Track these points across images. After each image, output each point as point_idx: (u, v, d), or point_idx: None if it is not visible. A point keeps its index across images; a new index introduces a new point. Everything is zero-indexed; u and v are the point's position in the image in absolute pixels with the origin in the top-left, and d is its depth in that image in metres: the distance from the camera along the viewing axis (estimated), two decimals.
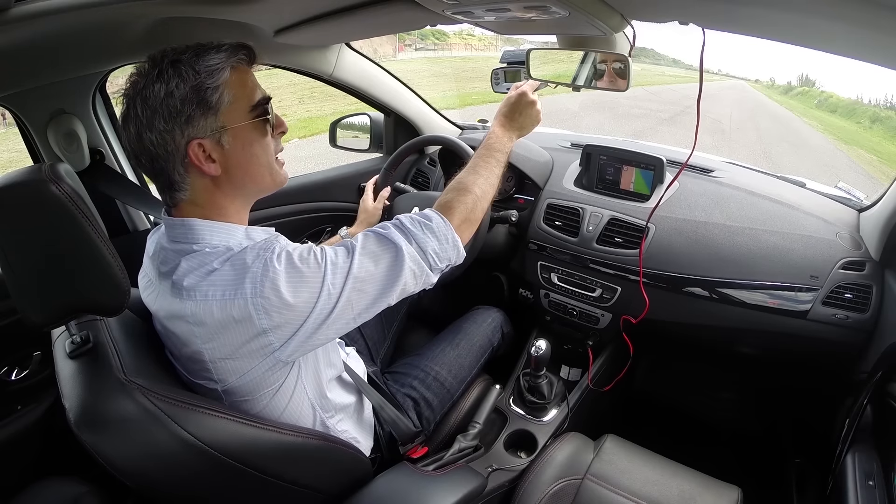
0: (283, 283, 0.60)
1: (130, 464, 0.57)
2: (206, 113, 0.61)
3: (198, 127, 0.61)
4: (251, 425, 0.64)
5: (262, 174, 0.69)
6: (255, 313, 0.59)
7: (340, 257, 0.65)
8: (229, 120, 0.63)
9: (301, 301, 0.61)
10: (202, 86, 0.61)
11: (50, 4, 0.70)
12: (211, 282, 0.60)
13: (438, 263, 0.72)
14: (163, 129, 0.60)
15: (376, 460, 0.91)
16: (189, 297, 0.61)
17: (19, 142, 1.12)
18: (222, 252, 0.63)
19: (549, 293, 1.29)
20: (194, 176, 0.64)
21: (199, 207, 0.66)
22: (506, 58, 1.30)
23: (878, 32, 0.55)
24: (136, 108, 0.61)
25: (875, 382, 0.81)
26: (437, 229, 0.73)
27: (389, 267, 0.67)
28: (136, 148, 0.63)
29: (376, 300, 0.67)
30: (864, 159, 9.61)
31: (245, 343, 0.61)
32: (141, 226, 1.24)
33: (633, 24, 0.81)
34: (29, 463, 1.04)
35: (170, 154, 0.62)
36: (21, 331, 0.78)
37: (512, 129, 0.94)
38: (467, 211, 0.78)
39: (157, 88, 0.60)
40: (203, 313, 0.60)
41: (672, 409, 1.52)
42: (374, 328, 1.20)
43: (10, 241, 0.55)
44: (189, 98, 0.60)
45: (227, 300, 0.59)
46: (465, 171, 0.84)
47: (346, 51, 1.35)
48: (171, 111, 0.60)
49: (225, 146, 0.64)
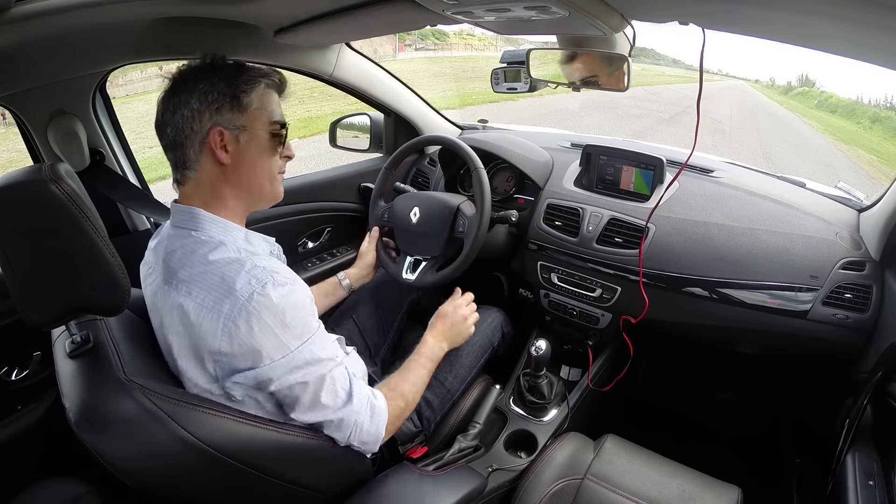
0: (256, 322, 0.63)
1: (130, 463, 0.57)
2: (234, 108, 0.70)
3: (224, 118, 0.69)
4: (251, 424, 0.64)
5: (263, 179, 0.75)
6: (220, 331, 0.63)
7: (324, 352, 0.70)
8: (250, 123, 0.71)
9: (261, 347, 0.64)
10: (238, 86, 0.70)
11: (50, 4, 0.70)
12: (198, 281, 0.65)
13: (354, 440, 0.75)
14: (195, 109, 0.68)
15: (376, 460, 0.91)
16: (177, 290, 0.65)
17: (19, 142, 1.12)
18: (215, 245, 0.68)
19: (549, 293, 1.29)
20: (206, 159, 0.70)
21: (202, 189, 0.72)
22: (506, 58, 1.30)
23: (878, 32, 0.55)
24: (183, 87, 0.69)
25: (875, 382, 0.81)
26: (378, 417, 0.77)
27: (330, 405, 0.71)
28: (167, 119, 0.69)
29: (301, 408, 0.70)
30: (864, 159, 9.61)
31: (201, 350, 0.64)
32: (141, 226, 1.24)
33: (633, 24, 0.81)
34: (29, 463, 1.04)
35: (194, 133, 0.69)
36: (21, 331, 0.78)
37: (443, 339, 1.01)
38: (396, 415, 0.83)
39: (203, 77, 0.69)
40: (182, 306, 0.64)
41: (672, 409, 1.52)
42: (374, 328, 1.20)
43: (10, 240, 0.55)
44: (225, 92, 0.69)
45: (205, 308, 0.63)
46: (398, 376, 0.90)
47: (346, 51, 1.35)
48: (208, 97, 0.68)
49: (241, 142, 0.71)
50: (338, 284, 1.16)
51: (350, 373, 0.75)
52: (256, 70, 0.73)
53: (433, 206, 1.16)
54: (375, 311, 1.22)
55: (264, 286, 0.64)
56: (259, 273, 0.65)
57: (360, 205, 1.59)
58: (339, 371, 0.72)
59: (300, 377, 0.67)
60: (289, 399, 0.68)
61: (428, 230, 1.15)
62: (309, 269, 1.48)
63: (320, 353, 0.69)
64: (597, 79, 0.99)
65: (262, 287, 0.63)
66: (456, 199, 1.16)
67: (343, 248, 1.60)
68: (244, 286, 0.63)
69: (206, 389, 0.67)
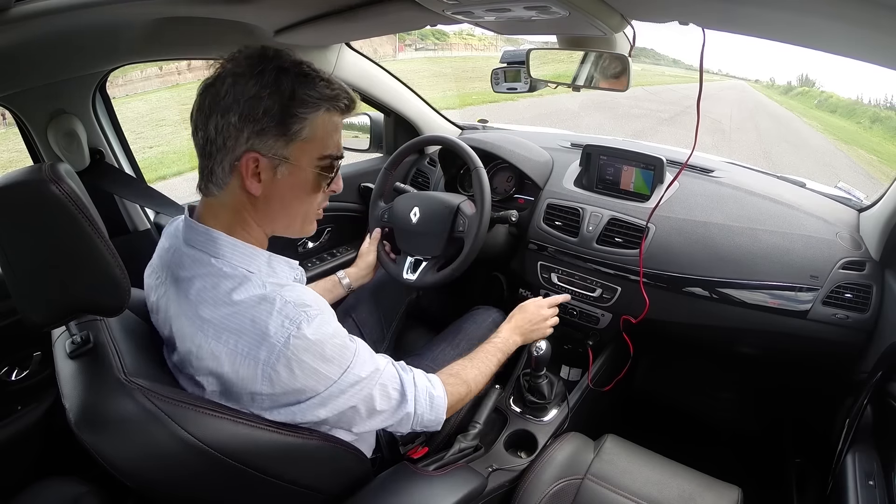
0: (297, 365, 0.60)
1: (130, 464, 0.57)
2: (279, 136, 0.60)
3: (265, 143, 0.59)
4: (251, 425, 0.64)
5: (296, 218, 0.68)
6: (261, 378, 0.59)
7: (365, 369, 0.66)
8: (295, 156, 0.62)
9: (306, 386, 0.62)
10: (291, 110, 0.59)
11: (50, 4, 0.70)
12: (226, 325, 0.59)
13: (417, 427, 0.75)
14: (233, 124, 0.58)
15: (377, 460, 0.91)
16: (202, 330, 0.60)
17: (19, 142, 1.12)
18: (239, 280, 0.61)
19: (549, 293, 1.29)
20: (234, 182, 0.62)
21: (225, 212, 0.64)
22: (506, 58, 1.30)
23: (877, 32, 0.55)
24: (223, 87, 0.58)
25: (875, 382, 0.81)
26: (437, 406, 0.77)
27: (386, 409, 0.70)
28: (200, 122, 0.60)
29: (362, 422, 0.69)
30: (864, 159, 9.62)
31: (239, 389, 0.62)
32: (141, 226, 1.24)
33: (633, 24, 0.81)
34: (29, 463, 1.04)
35: (227, 148, 0.60)
36: (21, 331, 0.78)
37: (518, 333, 1.02)
38: (457, 400, 0.83)
39: (251, 84, 0.58)
40: (212, 351, 0.60)
41: (672, 408, 1.52)
42: (373, 328, 1.20)
43: (10, 241, 0.55)
44: (273, 112, 0.59)
45: (240, 355, 0.59)
46: (466, 361, 0.89)
47: (346, 51, 1.35)
48: (251, 114, 0.58)
49: (278, 175, 0.62)
50: (337, 283, 1.16)
51: (398, 370, 0.73)
52: (320, 89, 0.61)
53: (433, 205, 1.16)
54: (375, 311, 1.22)
55: (299, 327, 0.59)
56: (290, 311, 0.59)
57: (360, 205, 1.59)
58: (386, 376, 0.70)
59: (349, 400, 0.65)
60: (343, 420, 0.67)
61: (428, 230, 1.15)
62: (309, 269, 1.48)
63: (363, 372, 0.66)
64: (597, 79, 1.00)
65: (298, 328, 0.59)
66: (456, 199, 1.16)
67: (343, 248, 1.60)
68: (278, 330, 0.58)
69: None
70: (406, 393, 0.72)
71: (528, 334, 1.03)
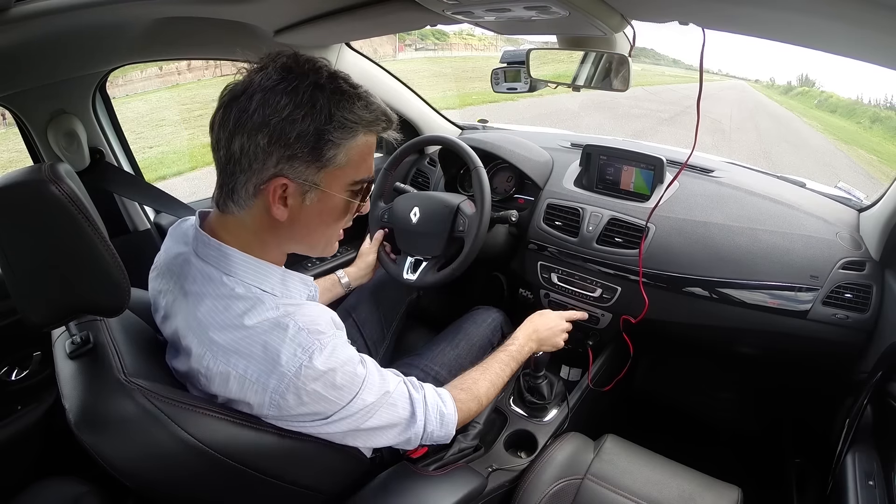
0: (306, 394, 0.59)
1: (130, 464, 0.57)
2: (312, 162, 0.56)
3: (295, 169, 0.56)
4: (251, 426, 0.64)
5: (320, 242, 0.66)
6: (268, 404, 0.59)
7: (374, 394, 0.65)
8: (327, 183, 0.58)
9: (314, 411, 0.62)
10: (326, 135, 0.55)
11: (50, 4, 0.70)
12: (237, 349, 0.58)
13: (426, 442, 0.75)
14: (261, 146, 0.54)
15: (376, 460, 0.91)
16: (211, 351, 0.59)
17: (19, 142, 1.12)
18: (252, 303, 0.59)
19: (549, 293, 1.29)
20: (258, 204, 0.58)
21: (244, 231, 0.61)
22: (506, 58, 1.30)
23: (878, 32, 0.55)
24: (252, 102, 0.53)
25: (875, 382, 0.81)
26: (447, 423, 0.76)
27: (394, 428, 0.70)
28: (221, 138, 0.56)
29: (368, 440, 0.69)
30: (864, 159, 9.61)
31: (242, 407, 0.61)
32: (141, 226, 1.24)
33: (633, 24, 0.81)
34: (29, 463, 1.04)
35: (252, 170, 0.55)
36: (21, 331, 0.79)
37: (534, 341, 1.00)
38: (468, 415, 0.82)
39: (284, 103, 0.53)
40: (221, 373, 0.59)
41: (672, 408, 1.52)
42: (373, 328, 1.20)
43: (10, 241, 0.55)
44: (307, 137, 0.54)
45: (249, 381, 0.58)
46: (480, 373, 0.86)
47: (346, 51, 1.35)
48: (282, 137, 0.54)
49: (306, 202, 0.59)
50: (336, 282, 1.16)
51: (409, 389, 0.71)
52: (359, 111, 0.56)
53: (433, 205, 1.16)
54: (375, 311, 1.22)
55: (311, 357, 0.57)
56: (304, 340, 0.58)
57: None
58: (396, 396, 0.68)
59: (359, 421, 0.65)
60: (351, 436, 0.67)
61: (428, 230, 1.15)
62: (309, 268, 1.48)
63: (372, 398, 0.65)
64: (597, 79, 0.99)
65: (310, 359, 0.57)
66: (456, 199, 1.16)
67: (343, 248, 1.60)
68: (290, 359, 0.56)
69: None
70: (416, 413, 0.71)
71: (543, 343, 1.01)
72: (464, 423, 0.81)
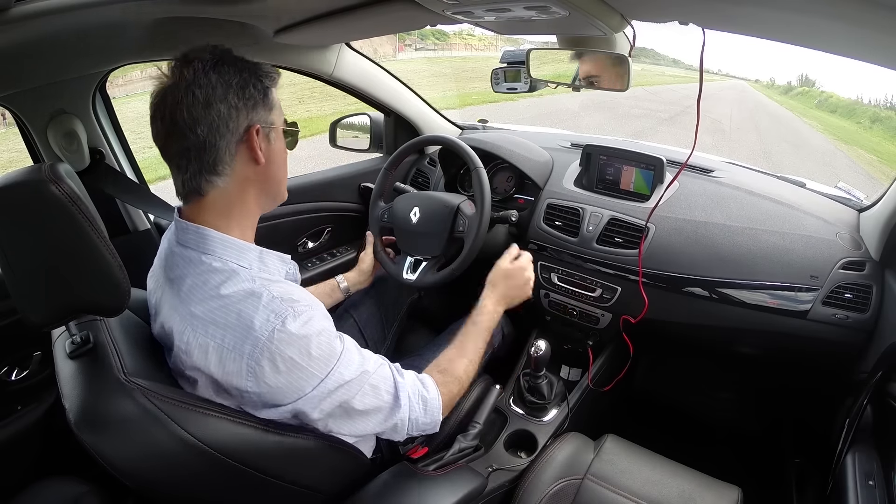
0: (280, 361, 0.60)
1: (130, 464, 0.57)
2: (265, 106, 0.66)
3: (259, 115, 0.65)
4: (251, 425, 0.64)
5: (283, 179, 0.73)
6: (245, 372, 0.60)
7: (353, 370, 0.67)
8: (276, 121, 0.68)
9: (290, 383, 0.62)
10: (265, 82, 0.65)
11: (50, 4, 0.70)
12: (213, 319, 0.61)
13: (413, 432, 0.76)
14: (233, 105, 0.62)
15: (377, 460, 0.91)
16: (191, 325, 0.62)
17: (19, 142, 1.12)
18: (228, 274, 0.63)
19: (549, 293, 1.29)
20: (241, 161, 0.65)
21: (226, 198, 0.66)
22: (506, 58, 1.30)
23: (878, 32, 0.55)
24: (210, 78, 0.61)
25: (875, 382, 0.81)
26: (431, 409, 0.77)
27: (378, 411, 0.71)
28: (198, 115, 0.61)
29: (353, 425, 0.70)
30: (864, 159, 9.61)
31: (227, 385, 0.62)
32: (141, 226, 1.24)
33: (633, 24, 0.81)
34: (29, 463, 1.04)
35: (230, 131, 0.63)
36: (21, 331, 0.79)
37: (503, 303, 0.99)
38: (451, 398, 0.83)
39: (231, 70, 0.62)
40: (200, 345, 0.61)
41: (672, 408, 1.52)
42: (374, 328, 1.20)
43: (10, 241, 0.55)
44: (259, 87, 0.64)
45: (226, 349, 0.60)
46: (455, 352, 0.87)
47: (346, 51, 1.35)
48: (244, 93, 0.63)
49: (271, 140, 0.68)
50: (336, 287, 1.16)
51: (393, 372, 0.73)
52: (268, 68, 0.68)
53: (433, 205, 1.16)
54: (376, 311, 1.22)
55: (284, 321, 0.60)
56: (277, 306, 0.60)
57: (360, 205, 1.59)
58: (378, 377, 0.70)
59: (339, 399, 0.66)
60: (335, 420, 0.67)
61: (428, 230, 1.15)
62: (309, 269, 1.48)
63: (351, 373, 0.66)
64: (597, 79, 1.00)
65: (283, 323, 0.60)
66: (456, 199, 1.16)
67: (343, 248, 1.60)
68: (263, 324, 0.59)
69: None
70: (400, 397, 0.72)
71: (513, 301, 1.01)
72: (448, 407, 0.81)
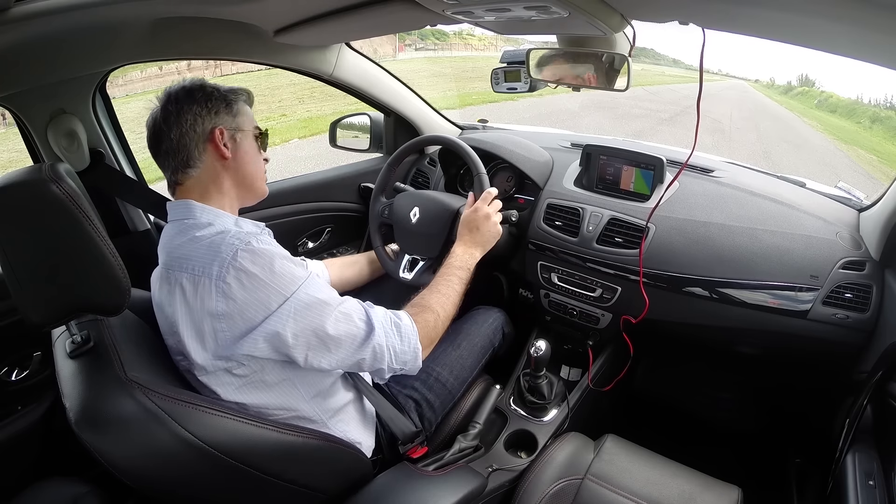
0: (245, 277, 0.66)
1: (130, 463, 0.57)
2: (229, 113, 0.80)
3: (222, 120, 0.79)
4: (252, 424, 0.64)
5: (257, 173, 0.84)
6: (215, 293, 0.66)
7: (321, 293, 0.72)
8: (242, 125, 0.82)
9: (258, 299, 0.66)
10: (228, 98, 0.81)
11: (50, 4, 0.70)
12: (189, 256, 0.69)
13: (394, 364, 0.79)
14: (197, 114, 0.77)
15: (377, 461, 0.91)
16: (172, 269, 0.70)
17: (19, 142, 1.12)
18: (204, 225, 0.73)
19: (549, 293, 1.29)
20: (209, 155, 0.78)
21: (201, 184, 0.78)
22: (506, 58, 1.30)
23: (878, 32, 0.55)
24: (179, 96, 0.77)
25: (875, 382, 0.81)
26: (406, 335, 0.80)
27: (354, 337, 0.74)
28: (171, 124, 0.76)
29: (331, 354, 0.73)
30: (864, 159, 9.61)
31: (202, 319, 0.67)
32: (141, 226, 1.24)
33: (633, 24, 0.81)
34: (29, 463, 1.04)
35: (197, 133, 0.77)
36: (21, 331, 0.79)
37: (473, 245, 1.03)
38: (429, 329, 0.86)
39: (199, 94, 0.78)
40: (179, 282, 0.68)
41: (672, 408, 1.52)
42: None
43: (10, 241, 0.55)
44: (221, 101, 0.80)
45: (197, 275, 0.67)
46: (426, 290, 0.92)
47: (346, 51, 1.35)
48: (207, 105, 0.78)
49: (237, 140, 0.81)
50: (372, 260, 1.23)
51: (362, 304, 0.78)
52: (233, 89, 0.83)
53: (433, 207, 1.16)
54: None
55: (248, 243, 0.68)
56: (242, 236, 0.69)
57: (360, 205, 1.59)
58: (349, 304, 0.76)
59: (311, 320, 0.69)
60: (312, 350, 0.70)
61: (427, 231, 1.15)
62: None
63: (320, 294, 0.72)
64: (597, 79, 0.99)
65: (246, 244, 0.67)
66: (456, 202, 1.16)
67: (343, 248, 1.60)
68: (227, 248, 0.67)
69: (216, 366, 0.69)
70: (373, 322, 0.76)
71: (483, 243, 1.04)
72: (429, 337, 0.85)
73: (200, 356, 0.68)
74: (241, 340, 0.67)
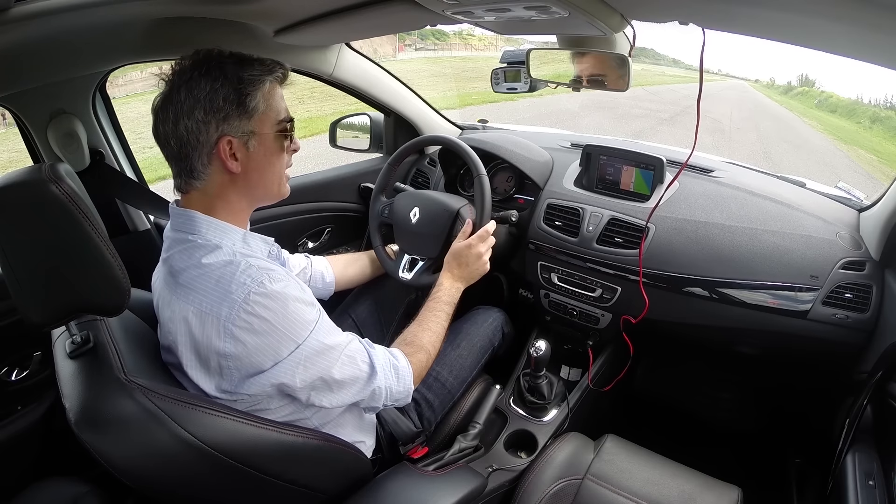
0: (256, 321, 0.63)
1: (130, 463, 0.57)
2: (241, 115, 0.67)
3: (232, 126, 0.67)
4: (251, 424, 0.64)
5: (273, 182, 0.75)
6: (223, 334, 0.62)
7: (330, 338, 0.70)
8: (259, 127, 0.69)
9: (269, 345, 0.64)
10: (244, 90, 0.67)
11: (50, 4, 0.70)
12: (195, 286, 0.64)
13: (388, 401, 0.79)
14: (200, 120, 0.65)
15: (377, 461, 0.91)
16: (175, 294, 0.66)
17: (19, 142, 1.12)
18: (211, 248, 0.67)
19: (549, 293, 1.29)
20: (215, 169, 0.68)
21: (207, 197, 0.70)
22: (506, 58, 1.30)
23: (878, 32, 0.55)
24: (180, 95, 0.65)
25: (875, 382, 0.81)
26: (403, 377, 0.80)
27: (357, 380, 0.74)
28: (169, 131, 0.66)
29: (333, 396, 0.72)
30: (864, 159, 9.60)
31: (208, 354, 0.64)
32: (141, 226, 1.24)
33: (633, 24, 0.81)
34: (29, 463, 1.04)
35: (200, 144, 0.66)
36: (21, 331, 0.79)
37: (459, 279, 1.02)
38: (421, 367, 0.86)
39: (203, 83, 0.65)
40: (182, 313, 0.64)
41: (672, 408, 1.52)
42: (372, 328, 1.20)
43: (10, 240, 0.55)
44: (230, 98, 0.66)
45: (205, 313, 0.63)
46: (416, 326, 0.92)
47: (346, 51, 1.35)
48: (212, 106, 0.65)
49: (250, 149, 0.69)
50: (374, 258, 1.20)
51: (366, 344, 0.77)
52: (258, 65, 0.69)
53: (433, 207, 1.16)
54: (375, 311, 1.22)
55: (260, 284, 0.63)
56: (254, 272, 0.64)
57: (360, 205, 1.59)
58: (353, 347, 0.74)
59: (320, 367, 0.68)
60: (316, 391, 0.70)
61: (426, 231, 1.15)
62: None
63: (328, 340, 0.69)
64: (597, 79, 0.99)
65: (258, 285, 0.63)
66: (457, 203, 1.16)
67: (343, 248, 1.60)
68: (238, 287, 0.63)
69: (218, 396, 0.66)
70: (375, 365, 0.75)
71: (469, 277, 1.03)
72: (419, 376, 0.84)
73: (203, 383, 0.66)
74: (248, 380, 0.65)
